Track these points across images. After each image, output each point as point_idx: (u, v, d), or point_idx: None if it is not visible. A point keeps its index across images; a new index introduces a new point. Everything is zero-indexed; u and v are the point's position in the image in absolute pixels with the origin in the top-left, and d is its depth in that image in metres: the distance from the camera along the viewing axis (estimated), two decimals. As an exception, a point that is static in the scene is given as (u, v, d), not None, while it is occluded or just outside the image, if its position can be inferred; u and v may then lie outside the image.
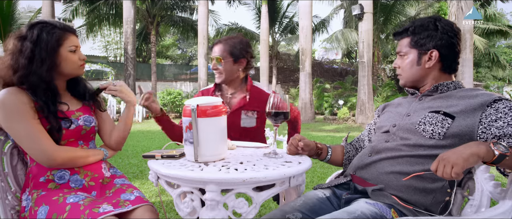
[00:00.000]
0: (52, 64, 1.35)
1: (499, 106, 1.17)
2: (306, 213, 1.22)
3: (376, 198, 1.20)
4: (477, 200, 1.17)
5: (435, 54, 1.31)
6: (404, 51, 1.36)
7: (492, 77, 26.57)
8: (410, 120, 1.29)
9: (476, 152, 1.00)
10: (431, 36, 1.31)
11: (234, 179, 1.09)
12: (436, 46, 1.30)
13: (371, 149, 1.36)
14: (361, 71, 10.77)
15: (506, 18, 28.12)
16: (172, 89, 14.07)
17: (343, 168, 1.54)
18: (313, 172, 4.21)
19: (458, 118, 1.19)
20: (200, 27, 13.85)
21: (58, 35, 1.36)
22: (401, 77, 1.40)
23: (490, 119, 1.16)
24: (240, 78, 1.99)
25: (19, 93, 1.30)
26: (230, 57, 1.90)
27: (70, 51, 1.39)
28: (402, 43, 1.38)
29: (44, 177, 1.35)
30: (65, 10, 16.57)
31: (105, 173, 1.47)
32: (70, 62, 1.39)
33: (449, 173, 0.99)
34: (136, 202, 1.34)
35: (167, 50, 27.42)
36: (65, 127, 1.36)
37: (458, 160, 0.99)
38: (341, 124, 11.63)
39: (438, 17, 1.33)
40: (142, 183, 3.66)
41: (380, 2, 15.51)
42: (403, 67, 1.38)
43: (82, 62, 1.43)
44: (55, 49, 1.35)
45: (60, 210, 1.25)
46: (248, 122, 1.95)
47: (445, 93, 1.31)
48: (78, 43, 1.43)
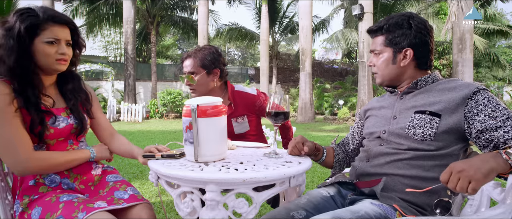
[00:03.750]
0: (22, 54, 1.23)
1: (478, 98, 1.16)
2: (310, 211, 1.22)
3: (383, 200, 1.20)
4: (477, 200, 1.17)
5: (410, 53, 1.30)
6: (379, 50, 1.36)
7: (492, 77, 26.54)
8: (399, 124, 1.28)
9: (494, 168, 0.96)
10: (405, 35, 1.30)
11: (234, 179, 1.09)
12: (410, 44, 1.30)
13: (367, 155, 1.36)
14: (361, 71, 10.76)
15: (506, 18, 28.13)
16: (172, 89, 14.07)
17: (333, 170, 1.54)
18: (313, 172, 4.21)
19: (444, 115, 1.20)
20: (200, 27, 13.85)
21: (32, 24, 1.23)
22: (377, 75, 1.39)
23: (472, 112, 1.16)
24: (218, 87, 1.93)
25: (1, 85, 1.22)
26: (203, 70, 1.84)
27: (47, 42, 1.25)
28: (377, 41, 1.37)
29: (33, 180, 1.30)
30: (65, 10, 16.57)
31: (95, 171, 1.44)
32: (43, 56, 1.25)
33: (465, 188, 0.94)
34: (130, 200, 1.33)
35: (167, 50, 27.40)
36: (52, 124, 1.29)
37: (477, 176, 0.94)
38: (341, 124, 11.63)
39: (411, 15, 1.33)
40: (142, 183, 3.66)
41: (380, 2, 15.52)
42: (379, 65, 1.37)
43: (61, 56, 1.28)
44: (25, 38, 1.22)
45: (53, 208, 1.22)
46: (241, 128, 1.94)
47: (425, 87, 1.31)
48: (63, 35, 1.29)
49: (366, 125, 1.47)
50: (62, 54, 1.28)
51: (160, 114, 13.52)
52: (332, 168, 1.54)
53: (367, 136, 1.42)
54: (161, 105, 13.59)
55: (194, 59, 1.84)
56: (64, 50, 1.29)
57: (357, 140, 1.55)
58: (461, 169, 0.96)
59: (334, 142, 1.61)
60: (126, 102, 13.53)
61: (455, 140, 1.19)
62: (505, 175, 1.01)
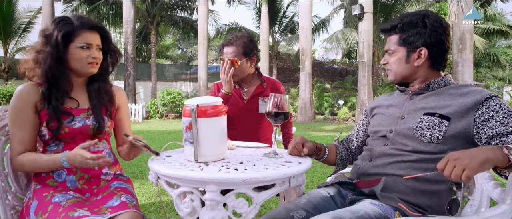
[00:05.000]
0: (58, 59, 1.35)
1: (490, 104, 1.16)
2: (310, 211, 1.22)
3: (383, 200, 1.20)
4: (477, 200, 1.17)
5: (424, 52, 1.29)
6: (393, 49, 1.34)
7: (492, 77, 26.54)
8: (406, 125, 1.27)
9: (491, 158, 0.97)
10: (419, 34, 1.28)
11: (234, 179, 1.09)
12: (425, 44, 1.28)
13: (370, 154, 1.35)
14: (361, 71, 10.76)
15: (506, 18, 28.11)
16: (172, 89, 14.07)
17: (336, 167, 1.53)
18: (313, 172, 4.21)
19: (454, 119, 1.19)
20: (200, 27, 13.84)
21: (67, 30, 1.35)
22: (390, 73, 1.39)
23: (483, 118, 1.15)
24: (253, 73, 2.13)
25: (29, 87, 1.37)
26: (244, 57, 2.02)
27: (80, 47, 1.37)
28: (391, 40, 1.35)
29: (46, 172, 1.38)
30: (65, 10, 16.56)
31: (105, 177, 1.46)
32: (76, 59, 1.37)
33: (459, 175, 0.95)
34: (117, 209, 1.28)
35: (167, 50, 27.41)
36: (68, 124, 1.37)
37: (472, 164, 0.95)
38: (341, 124, 11.64)
39: (426, 13, 1.30)
40: (142, 183, 3.66)
41: (380, 2, 15.52)
42: (392, 64, 1.36)
43: (93, 60, 1.40)
44: (61, 44, 1.34)
45: (44, 208, 1.27)
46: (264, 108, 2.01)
47: (436, 90, 1.30)
48: (95, 41, 1.40)
49: (372, 122, 1.45)
50: (93, 58, 1.39)
51: (160, 114, 13.52)
52: (335, 166, 1.53)
53: (372, 134, 1.41)
54: (161, 105, 13.59)
55: (236, 46, 2.01)
56: (95, 54, 1.40)
57: (361, 138, 1.54)
58: (457, 157, 0.97)
59: (337, 139, 1.60)
60: (126, 102, 13.51)
61: (461, 145, 1.18)
62: (502, 168, 1.02)
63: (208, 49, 15.68)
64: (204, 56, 13.79)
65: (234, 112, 2.03)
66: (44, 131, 1.36)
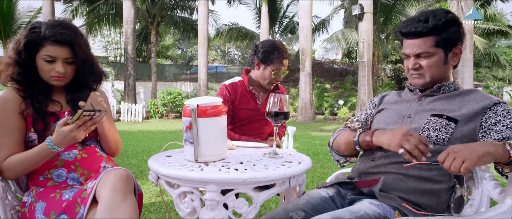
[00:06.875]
0: (24, 67, 1.33)
1: (498, 109, 1.18)
2: (309, 212, 1.22)
3: (382, 200, 1.20)
4: (477, 200, 1.17)
5: (459, 50, 1.28)
6: (430, 52, 1.24)
7: (492, 77, 26.55)
8: (413, 125, 1.26)
9: (491, 152, 0.97)
10: (456, 32, 1.24)
11: (234, 179, 1.09)
12: (459, 41, 1.26)
13: (371, 153, 1.34)
14: (361, 71, 10.77)
15: (506, 18, 28.13)
16: (172, 89, 14.07)
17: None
18: (313, 172, 4.21)
19: (461, 122, 1.19)
20: (200, 27, 13.85)
21: (31, 41, 1.31)
22: (422, 77, 1.29)
23: (489, 122, 1.16)
24: None
25: (9, 93, 1.35)
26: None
27: (44, 60, 1.32)
28: (424, 42, 1.24)
29: (43, 175, 1.37)
30: (65, 10, 16.57)
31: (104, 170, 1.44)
32: (41, 71, 1.35)
33: (458, 167, 0.95)
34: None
35: (167, 50, 27.39)
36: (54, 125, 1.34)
37: (472, 156, 0.95)
38: (341, 124, 11.63)
39: (448, 11, 1.26)
40: (142, 183, 3.66)
41: (380, 2, 15.51)
42: (428, 67, 1.26)
43: (56, 75, 1.34)
44: (24, 53, 1.31)
45: (57, 206, 1.26)
46: None
47: (445, 94, 1.30)
48: (61, 54, 1.32)
49: (377, 118, 1.43)
50: (57, 71, 1.34)
51: (160, 114, 13.52)
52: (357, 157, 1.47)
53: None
54: (161, 105, 13.59)
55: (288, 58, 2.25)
56: (59, 69, 1.34)
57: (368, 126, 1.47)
58: (458, 150, 0.98)
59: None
60: (126, 102, 13.51)
61: None
62: (502, 164, 1.02)
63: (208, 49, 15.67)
64: (204, 56, 13.80)
65: (248, 115, 2.10)
66: (32, 136, 1.36)
